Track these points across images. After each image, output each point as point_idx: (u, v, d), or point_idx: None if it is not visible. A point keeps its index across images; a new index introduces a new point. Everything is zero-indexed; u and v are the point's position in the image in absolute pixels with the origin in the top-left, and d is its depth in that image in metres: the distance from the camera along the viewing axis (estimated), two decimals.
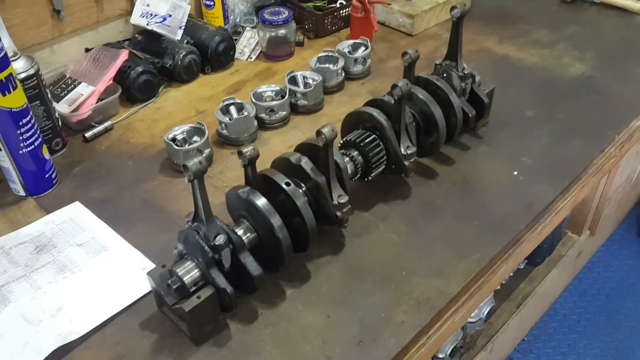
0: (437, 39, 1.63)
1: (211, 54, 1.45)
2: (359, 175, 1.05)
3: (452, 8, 1.11)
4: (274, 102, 1.28)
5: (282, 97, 1.30)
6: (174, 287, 0.83)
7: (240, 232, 0.89)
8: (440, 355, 1.42)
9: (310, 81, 1.35)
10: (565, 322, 2.04)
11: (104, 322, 0.89)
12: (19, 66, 1.09)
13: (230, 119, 1.23)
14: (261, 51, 1.56)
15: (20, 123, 1.04)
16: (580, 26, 1.67)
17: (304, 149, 0.99)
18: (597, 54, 1.53)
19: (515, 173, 1.15)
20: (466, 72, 1.15)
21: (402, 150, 1.04)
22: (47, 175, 1.13)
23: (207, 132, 1.17)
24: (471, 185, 1.13)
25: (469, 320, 1.46)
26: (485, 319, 1.52)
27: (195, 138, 1.19)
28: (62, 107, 1.26)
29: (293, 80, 1.35)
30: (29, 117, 1.06)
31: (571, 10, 1.75)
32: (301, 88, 1.33)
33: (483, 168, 1.17)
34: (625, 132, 1.28)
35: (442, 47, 1.52)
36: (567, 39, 1.60)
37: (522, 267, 1.72)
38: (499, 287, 1.36)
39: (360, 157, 1.04)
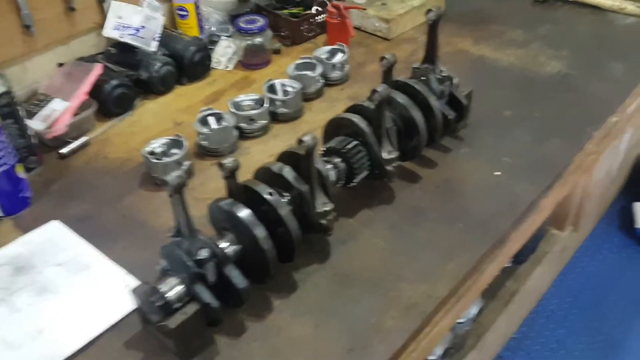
0: (413, 42, 1.64)
1: (187, 64, 1.43)
2: (342, 181, 1.04)
3: (428, 11, 1.11)
4: (253, 111, 1.27)
5: (262, 105, 1.29)
6: (159, 304, 0.81)
7: (224, 245, 0.87)
8: (432, 358, 1.41)
9: (289, 89, 1.34)
10: (552, 318, 2.05)
11: (88, 343, 0.86)
12: None
13: (209, 130, 1.21)
14: (238, 60, 1.55)
15: None
16: (554, 25, 1.69)
17: (285, 157, 0.98)
18: (572, 52, 1.55)
19: (497, 173, 1.15)
20: (444, 74, 1.16)
21: (384, 155, 1.04)
22: (22, 195, 1.10)
23: (186, 144, 1.16)
24: (454, 187, 1.14)
25: (458, 321, 1.46)
26: (473, 318, 1.52)
27: (174, 150, 1.17)
28: (36, 124, 1.23)
29: (272, 89, 1.34)
30: (2, 135, 1.03)
31: (545, 10, 1.77)
32: (280, 96, 1.32)
33: (465, 169, 1.18)
34: (603, 128, 1.29)
35: (419, 50, 1.52)
36: (542, 38, 1.62)
37: (508, 265, 1.73)
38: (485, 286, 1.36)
39: (342, 164, 1.03)
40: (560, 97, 1.38)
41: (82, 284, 0.95)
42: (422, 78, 1.16)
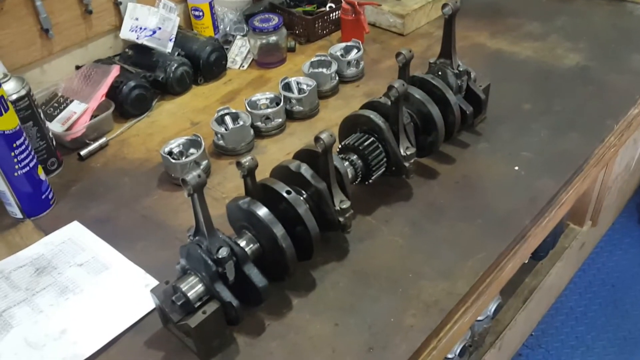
0: (429, 37, 1.62)
1: (203, 64, 1.44)
2: (359, 179, 1.04)
3: (444, 5, 1.10)
4: (269, 110, 1.27)
5: (277, 104, 1.29)
6: (179, 303, 0.82)
7: (242, 243, 0.88)
8: (450, 356, 1.40)
9: (305, 86, 1.34)
10: (572, 314, 2.03)
11: (108, 343, 0.87)
12: (10, 88, 1.08)
13: (226, 129, 1.22)
14: (253, 59, 1.55)
15: (14, 145, 1.03)
16: (571, 17, 1.66)
17: (302, 155, 0.98)
18: (590, 44, 1.52)
19: (517, 168, 1.14)
20: (461, 69, 1.15)
21: (402, 151, 1.03)
22: (43, 196, 1.11)
23: (203, 143, 1.16)
24: (473, 183, 1.12)
25: (477, 318, 1.44)
26: (492, 316, 1.51)
27: (192, 150, 1.17)
28: (55, 127, 1.24)
29: (287, 87, 1.34)
30: (23, 138, 1.05)
31: (561, 1, 1.75)
32: (296, 94, 1.32)
33: (484, 165, 1.16)
34: (624, 121, 1.27)
35: (435, 45, 1.51)
36: (559, 30, 1.60)
37: (526, 261, 1.71)
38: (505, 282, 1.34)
39: (359, 161, 1.02)
40: (579, 90, 1.36)
41: (103, 284, 0.96)
42: (439, 73, 1.15)
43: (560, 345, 1.94)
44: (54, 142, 1.20)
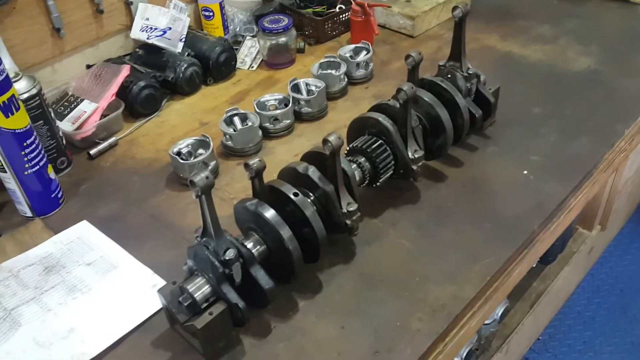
0: (438, 39, 1.62)
1: (212, 65, 1.44)
2: (367, 181, 1.04)
3: (454, 8, 1.10)
4: (278, 111, 1.27)
5: (286, 105, 1.29)
6: (185, 304, 0.82)
7: (249, 245, 0.88)
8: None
9: (313, 88, 1.34)
10: (580, 319, 2.02)
11: (115, 342, 0.88)
12: (21, 87, 1.09)
13: (234, 130, 1.22)
14: (262, 60, 1.55)
15: (25, 144, 1.04)
16: (582, 19, 1.65)
17: (310, 157, 0.98)
18: (601, 47, 1.51)
19: (525, 172, 1.14)
20: (471, 72, 1.14)
21: (410, 154, 1.03)
22: (53, 195, 1.12)
23: (212, 144, 1.16)
24: (481, 186, 1.12)
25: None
26: (499, 320, 1.50)
27: (201, 151, 1.18)
28: (65, 126, 1.25)
29: (296, 88, 1.34)
30: (33, 137, 1.05)
31: (572, 4, 1.74)
32: (304, 95, 1.32)
33: (492, 168, 1.16)
34: (634, 126, 1.26)
35: (445, 47, 1.51)
36: (570, 33, 1.59)
37: (534, 265, 1.70)
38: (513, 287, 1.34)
39: (367, 164, 1.02)
40: (589, 94, 1.35)
41: (111, 283, 0.97)
42: (448, 76, 1.15)
43: (568, 350, 1.93)
44: (64, 141, 1.21)
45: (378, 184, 1.04)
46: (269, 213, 0.86)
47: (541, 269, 1.72)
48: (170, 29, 1.41)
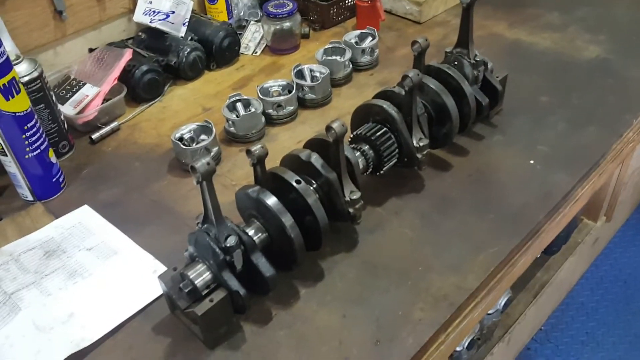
0: (445, 25, 1.60)
1: (216, 49, 1.43)
2: (370, 169, 1.03)
3: None
4: (281, 97, 1.26)
5: (289, 91, 1.28)
6: (186, 290, 0.81)
7: (251, 232, 0.87)
8: (458, 349, 1.40)
9: (318, 74, 1.32)
10: (582, 310, 2.01)
11: (116, 328, 0.87)
12: (22, 69, 1.07)
13: (237, 116, 1.21)
14: (266, 45, 1.53)
15: (25, 127, 1.03)
16: (591, 7, 1.63)
17: (313, 144, 0.96)
18: (611, 36, 1.49)
19: (532, 162, 1.12)
20: (478, 59, 1.12)
21: (415, 142, 1.01)
22: (54, 179, 1.11)
23: (214, 130, 1.15)
24: (486, 176, 1.11)
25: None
26: (502, 310, 1.50)
27: (203, 136, 1.17)
28: (67, 109, 1.24)
29: (300, 74, 1.33)
30: (34, 120, 1.04)
31: None
32: (308, 82, 1.31)
33: (498, 158, 1.15)
34: None
35: (452, 34, 1.49)
36: (579, 22, 1.56)
37: (538, 256, 1.69)
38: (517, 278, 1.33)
39: (371, 151, 1.01)
40: (598, 83, 1.33)
41: (111, 268, 0.96)
42: (455, 63, 1.13)
43: (570, 341, 1.92)
44: (66, 125, 1.20)
45: (382, 172, 1.03)
46: (271, 200, 0.85)
47: (545, 260, 1.71)
48: (173, 12, 1.40)
